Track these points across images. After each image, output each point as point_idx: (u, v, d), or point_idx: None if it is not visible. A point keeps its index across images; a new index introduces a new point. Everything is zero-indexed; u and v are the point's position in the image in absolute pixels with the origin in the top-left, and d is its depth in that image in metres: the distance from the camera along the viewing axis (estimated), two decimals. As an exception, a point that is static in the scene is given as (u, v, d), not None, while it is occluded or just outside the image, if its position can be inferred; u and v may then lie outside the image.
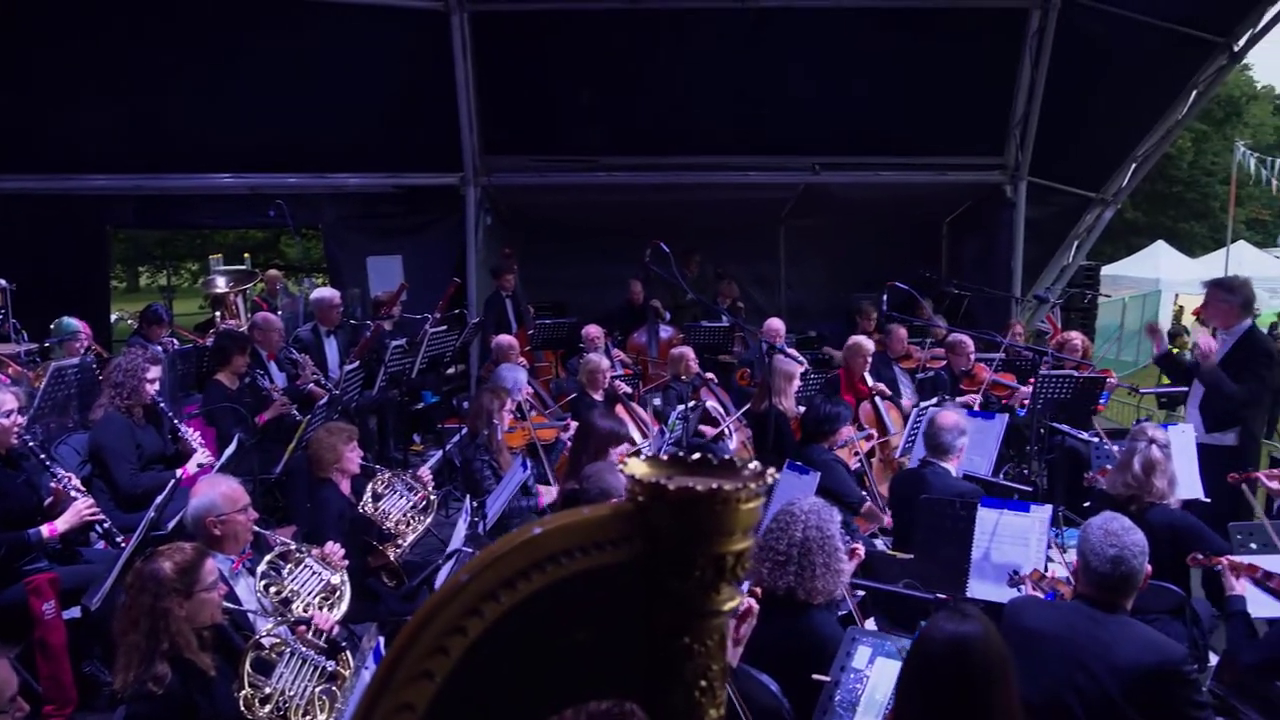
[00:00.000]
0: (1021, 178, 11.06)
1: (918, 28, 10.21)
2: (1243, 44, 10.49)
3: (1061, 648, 3.06)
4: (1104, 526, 3.17)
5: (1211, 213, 36.85)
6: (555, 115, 10.79)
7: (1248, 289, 6.10)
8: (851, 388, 7.44)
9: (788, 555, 3.31)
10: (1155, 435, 4.48)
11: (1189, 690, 2.98)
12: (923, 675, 2.36)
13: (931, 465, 4.95)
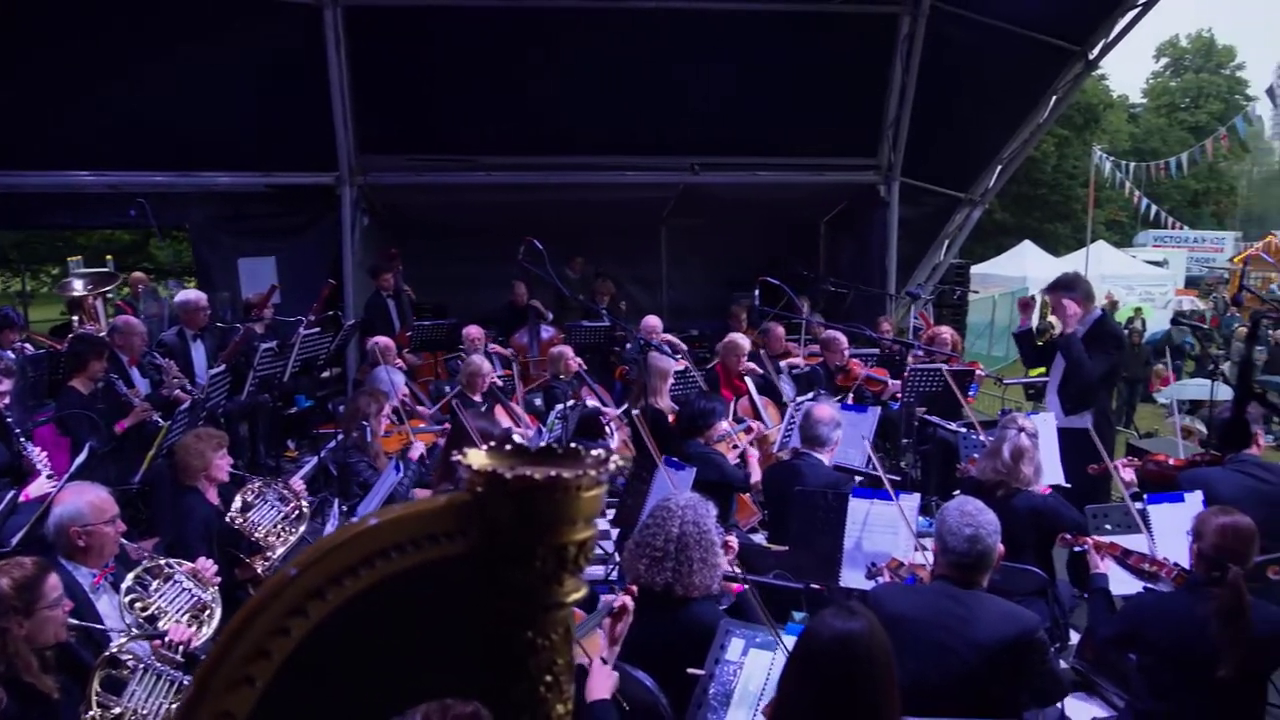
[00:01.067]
0: (894, 178, 11.37)
1: (793, 31, 10.37)
2: (1097, 52, 11.01)
3: (925, 629, 3.14)
4: (959, 508, 3.28)
5: (1074, 214, 38.55)
6: (434, 114, 10.59)
7: (1083, 282, 6.41)
8: (729, 384, 7.52)
9: (665, 551, 3.31)
10: (1024, 424, 4.65)
11: (1042, 653, 3.16)
12: (808, 672, 2.36)
13: (805, 456, 5.02)
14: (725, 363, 7.64)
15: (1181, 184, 52.00)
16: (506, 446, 0.89)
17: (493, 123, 10.59)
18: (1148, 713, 3.49)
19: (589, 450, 0.88)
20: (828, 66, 10.63)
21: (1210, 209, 55.19)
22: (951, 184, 12.08)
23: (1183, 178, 50.25)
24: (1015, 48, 10.74)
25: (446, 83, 10.37)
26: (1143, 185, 31.60)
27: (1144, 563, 3.84)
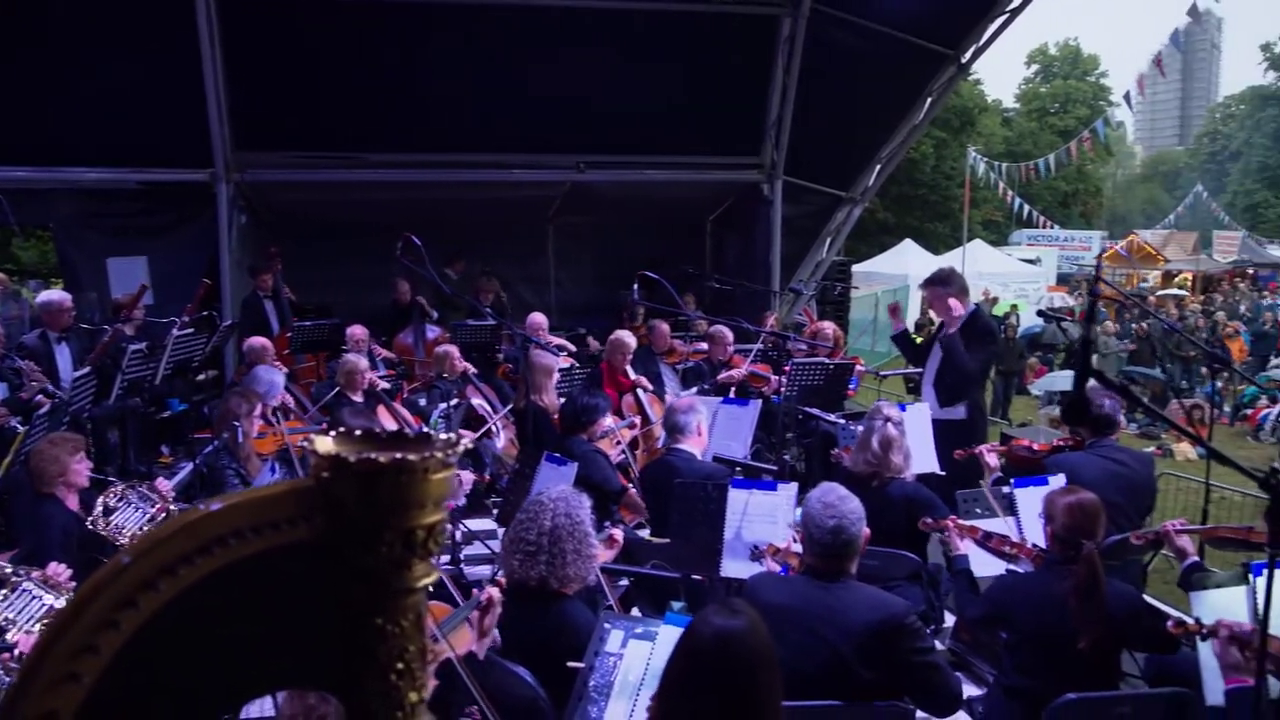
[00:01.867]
0: (778, 177, 11.55)
1: (678, 30, 10.45)
2: (969, 56, 11.39)
3: (797, 619, 3.18)
4: (822, 499, 3.31)
5: (952, 214, 39.75)
6: (315, 109, 10.28)
7: (958, 277, 6.64)
8: (614, 381, 7.54)
9: (538, 545, 3.29)
10: (890, 414, 4.75)
11: (913, 639, 3.19)
12: (689, 670, 2.36)
13: (675, 451, 5.06)
14: (610, 360, 7.66)
15: (1052, 185, 54.22)
16: (357, 433, 0.87)
17: (377, 119, 10.37)
18: (1014, 689, 3.61)
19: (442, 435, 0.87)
20: (712, 66, 10.75)
21: (1079, 209, 57.63)
22: (833, 183, 12.35)
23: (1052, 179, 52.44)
24: (891, 50, 11.04)
25: (328, 77, 10.10)
26: (1016, 186, 32.85)
27: (1005, 545, 3.97)
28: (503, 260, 12.23)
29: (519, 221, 12.58)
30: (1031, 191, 46.05)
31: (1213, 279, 32.82)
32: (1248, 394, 16.75)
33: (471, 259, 11.48)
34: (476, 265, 11.57)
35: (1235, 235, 40.45)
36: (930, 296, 6.49)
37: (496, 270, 11.64)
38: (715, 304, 11.79)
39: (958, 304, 6.29)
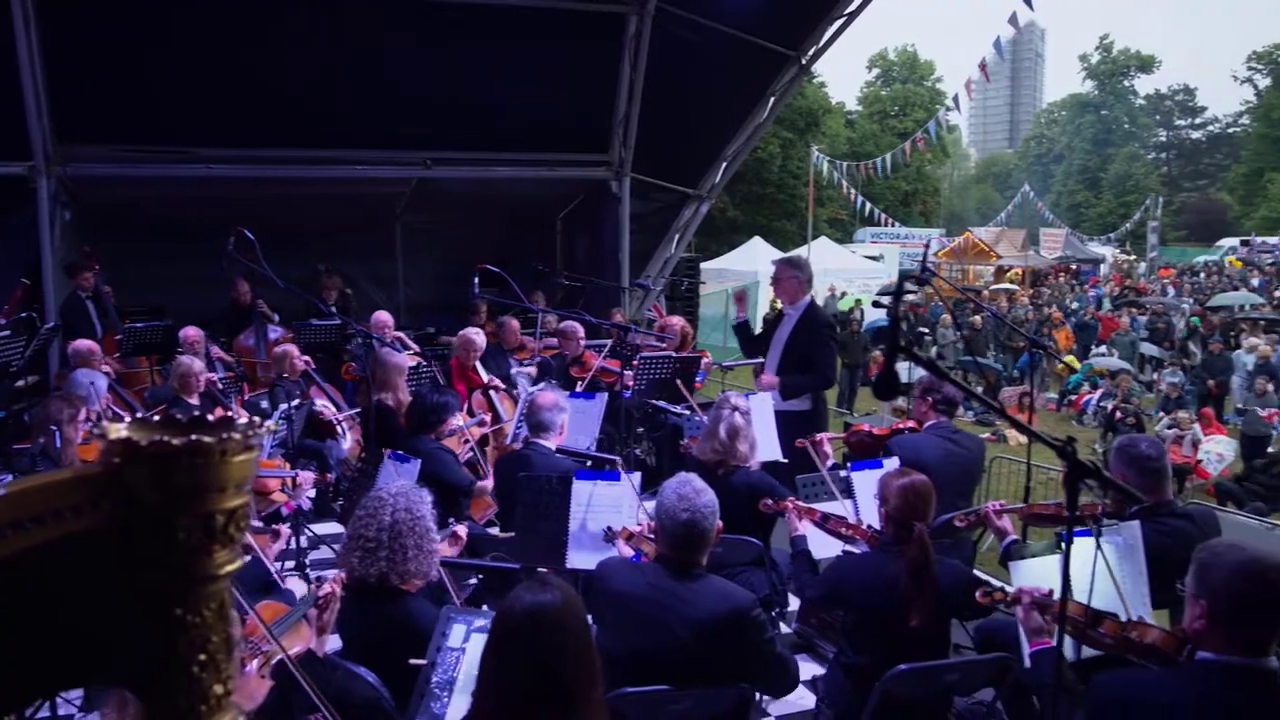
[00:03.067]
0: (625, 174, 11.64)
1: (525, 26, 10.37)
2: (810, 57, 11.71)
3: (646, 607, 3.21)
4: (676, 490, 3.33)
5: (799, 212, 40.86)
6: (144, 101, 9.74)
7: (809, 267, 6.82)
8: (463, 378, 7.46)
9: (378, 541, 3.23)
10: (737, 404, 4.84)
11: (758, 631, 3.26)
12: (502, 646, 2.34)
13: (534, 445, 5.06)
14: (459, 357, 7.58)
15: (893, 185, 56.41)
16: (154, 419, 0.83)
17: (211, 111, 9.91)
18: (852, 666, 3.73)
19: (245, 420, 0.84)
20: (559, 63, 10.74)
21: (918, 208, 60.11)
22: (680, 180, 12.52)
23: (893, 179, 54.60)
24: (735, 50, 11.25)
25: (158, 66, 9.56)
26: (859, 186, 33.98)
27: (841, 526, 4.11)
28: (348, 259, 11.93)
29: (365, 219, 12.29)
30: (874, 191, 47.78)
31: (1040, 273, 34.68)
32: (1072, 381, 17.77)
33: (314, 257, 11.13)
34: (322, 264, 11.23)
35: (1060, 232, 42.86)
36: (779, 275, 6.63)
37: (342, 269, 11.32)
38: (566, 301, 11.80)
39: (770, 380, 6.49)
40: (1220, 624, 2.39)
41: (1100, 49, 76.69)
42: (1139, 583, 3.51)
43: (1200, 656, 2.45)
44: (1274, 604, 2.37)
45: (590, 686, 2.34)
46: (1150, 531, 3.58)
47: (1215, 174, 75.95)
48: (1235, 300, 24.64)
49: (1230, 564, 2.40)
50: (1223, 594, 2.38)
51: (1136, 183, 68.75)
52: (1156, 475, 3.90)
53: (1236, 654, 2.38)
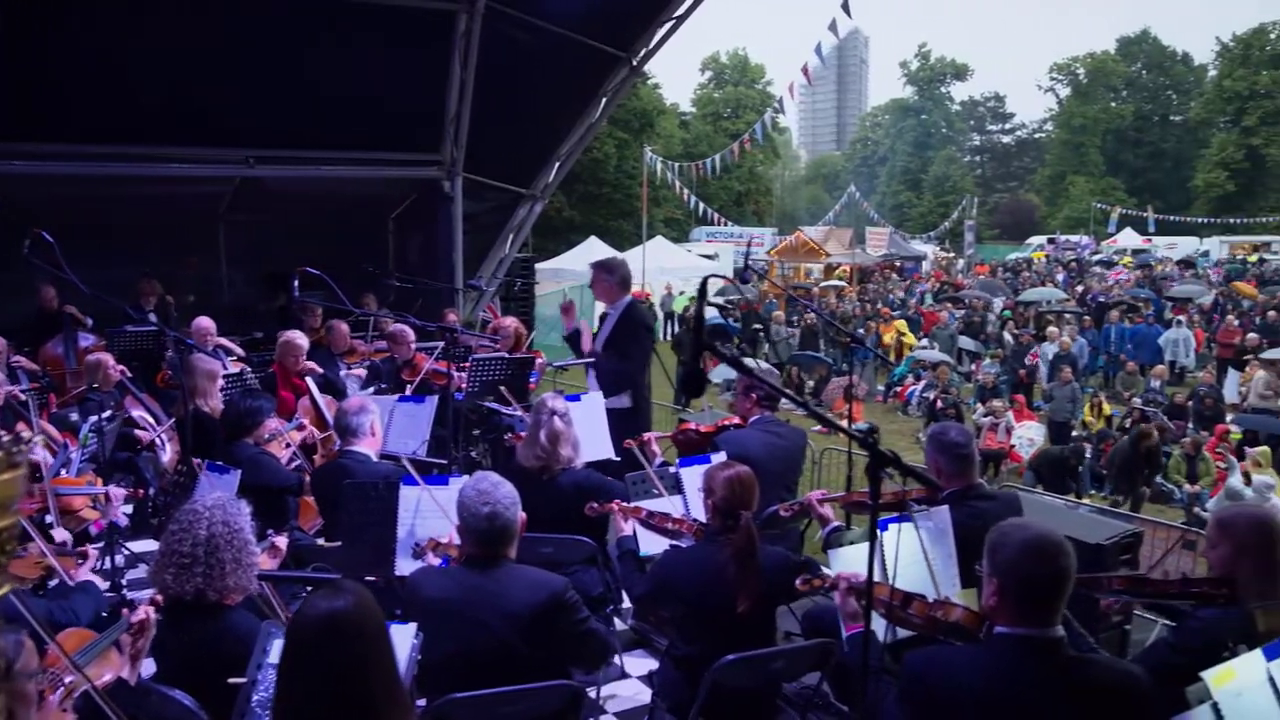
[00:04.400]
0: (458, 174, 11.49)
1: (353, 22, 10.07)
2: (640, 58, 11.85)
3: (460, 609, 3.20)
4: (475, 487, 3.35)
5: (635, 212, 41.25)
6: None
7: (625, 268, 6.95)
8: (288, 383, 7.23)
9: (193, 556, 3.10)
10: (556, 407, 4.82)
11: (573, 613, 3.30)
12: (298, 658, 2.28)
13: (349, 453, 4.93)
14: (283, 362, 7.33)
15: (727, 185, 57.70)
16: None
17: (11, 103, 9.22)
18: (682, 658, 3.80)
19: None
20: (388, 60, 10.50)
21: (752, 208, 61.67)
22: (513, 180, 12.46)
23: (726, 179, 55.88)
24: (566, 50, 11.25)
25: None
26: (693, 186, 34.58)
27: (667, 522, 4.17)
28: (168, 261, 11.36)
29: (185, 219, 11.73)
30: (708, 191, 48.75)
31: (867, 271, 36.07)
32: (897, 373, 18.58)
33: (132, 259, 10.53)
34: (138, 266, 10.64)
35: (884, 231, 44.67)
36: (594, 279, 6.75)
37: (161, 272, 10.77)
38: (399, 302, 11.56)
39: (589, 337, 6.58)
40: (1010, 598, 2.55)
41: (919, 57, 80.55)
42: (949, 564, 3.70)
43: (996, 630, 2.61)
44: (1055, 576, 2.55)
45: (393, 693, 2.30)
46: (959, 515, 3.78)
47: (1024, 176, 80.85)
48: (1042, 295, 26.23)
49: (1016, 542, 2.58)
50: (1011, 571, 2.55)
51: (954, 184, 72.52)
52: (965, 461, 4.12)
53: (1027, 626, 2.54)
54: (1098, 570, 5.82)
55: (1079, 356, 17.93)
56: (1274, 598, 2.96)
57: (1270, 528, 3.08)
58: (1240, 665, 2.58)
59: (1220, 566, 3.11)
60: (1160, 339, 19.82)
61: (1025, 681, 2.50)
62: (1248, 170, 61.96)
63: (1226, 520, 3.15)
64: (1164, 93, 74.13)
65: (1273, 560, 3.01)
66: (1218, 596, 3.06)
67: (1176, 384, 18.15)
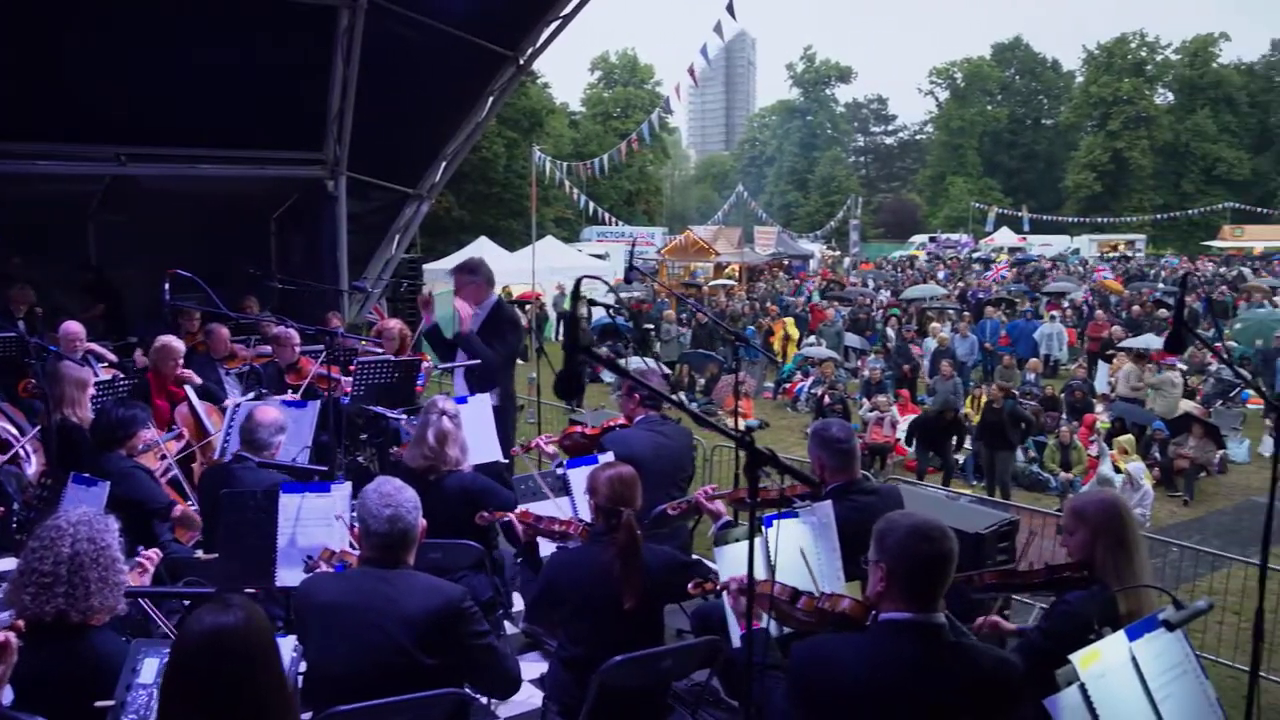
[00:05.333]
0: (341, 173, 11.24)
1: (231, 15, 9.74)
2: (528, 57, 11.80)
3: (355, 615, 3.13)
4: (378, 489, 3.31)
5: (525, 211, 41.00)
6: None
7: (486, 268, 6.94)
8: (164, 391, 6.97)
9: (55, 575, 2.95)
10: (446, 408, 4.79)
11: (471, 623, 3.25)
12: (182, 676, 2.21)
13: (244, 460, 4.80)
14: (158, 369, 7.06)
15: (618, 185, 57.90)
16: None
17: None
18: (571, 659, 3.79)
19: None
20: (269, 55, 10.20)
21: (642, 208, 62.00)
22: (399, 179, 12.26)
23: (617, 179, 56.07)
24: (452, 48, 11.12)
25: None
26: (583, 186, 34.58)
27: (554, 525, 4.15)
28: (34, 263, 10.82)
29: (52, 220, 11.20)
30: (599, 191, 48.84)
31: (756, 269, 36.61)
32: (785, 370, 18.90)
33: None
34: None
35: (772, 230, 45.40)
36: (457, 283, 6.69)
37: (28, 275, 10.26)
38: (283, 305, 11.25)
39: (464, 306, 6.51)
40: (897, 583, 2.64)
41: (804, 59, 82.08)
42: (833, 558, 3.77)
43: (882, 617, 2.69)
44: (941, 557, 2.65)
45: (283, 710, 2.24)
46: (842, 509, 3.85)
47: (906, 176, 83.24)
48: (924, 292, 27.00)
49: (903, 528, 2.68)
50: (898, 555, 2.64)
51: (839, 184, 74.18)
52: (847, 456, 4.21)
53: (911, 610, 2.63)
54: (979, 558, 6.07)
55: (970, 353, 18.53)
56: (1129, 576, 3.12)
57: (1119, 510, 3.26)
58: (1105, 647, 2.69)
59: (1078, 552, 3.26)
60: (1035, 334, 20.58)
61: (908, 666, 2.58)
62: (1113, 172, 65.09)
63: (1079, 508, 3.31)
64: (1036, 97, 77.29)
65: (1124, 540, 3.19)
66: (1079, 580, 3.20)
67: (1051, 377, 18.91)
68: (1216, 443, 13.05)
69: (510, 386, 7.00)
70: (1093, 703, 2.50)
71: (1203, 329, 21.52)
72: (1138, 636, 2.69)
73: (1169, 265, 41.74)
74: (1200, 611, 2.81)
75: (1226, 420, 14.34)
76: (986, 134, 73.35)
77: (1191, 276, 30.71)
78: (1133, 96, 65.15)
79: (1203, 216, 59.47)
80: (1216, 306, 24.07)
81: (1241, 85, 66.91)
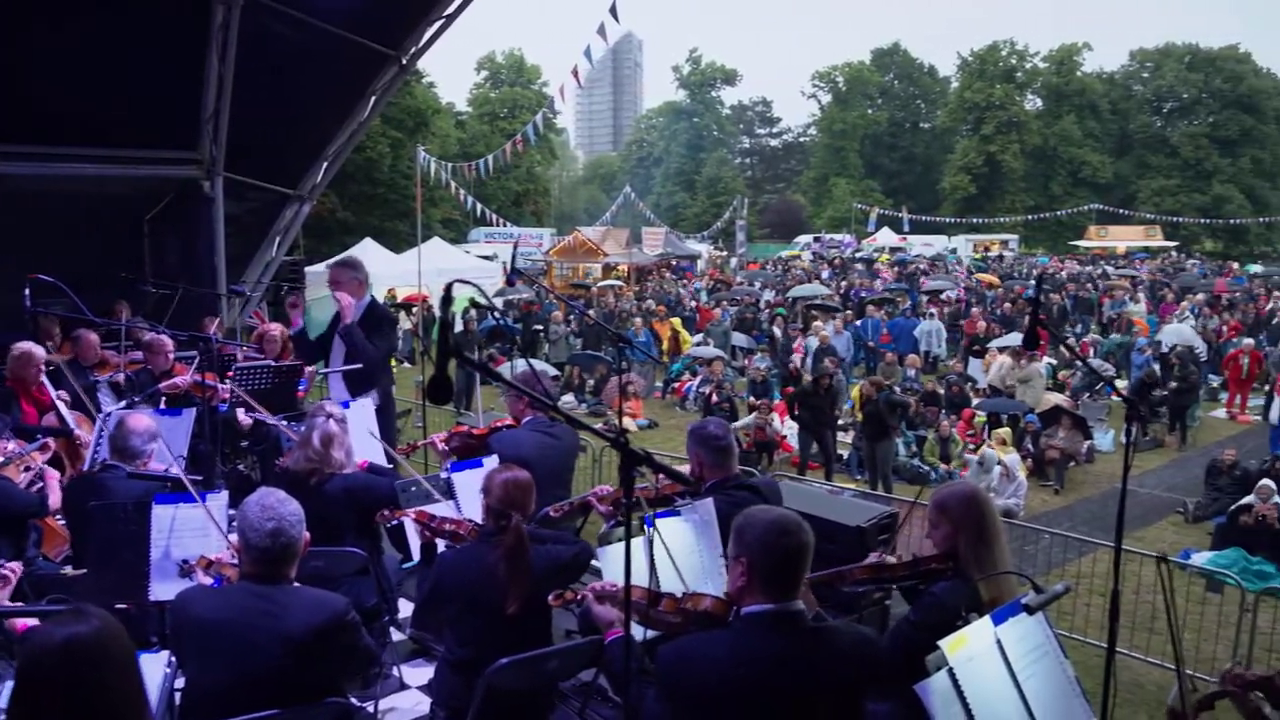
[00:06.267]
0: (218, 173, 10.93)
1: (100, 6, 9.35)
2: (410, 56, 11.66)
3: (235, 633, 3.03)
4: (260, 501, 3.20)
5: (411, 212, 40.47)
6: None
7: (364, 268, 6.89)
8: (29, 399, 6.67)
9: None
10: (332, 411, 4.73)
11: (352, 634, 3.20)
12: (33, 690, 2.11)
13: (113, 469, 4.64)
14: (20, 376, 6.74)
15: (505, 186, 57.57)
16: None
17: None
18: (458, 662, 3.78)
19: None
20: (140, 52, 9.80)
21: (530, 209, 61.76)
22: (279, 180, 11.98)
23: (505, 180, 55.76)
24: (333, 46, 10.90)
25: None
26: (470, 187, 34.28)
27: (446, 524, 4.13)
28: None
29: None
30: (486, 192, 48.48)
31: (644, 270, 36.85)
32: (674, 369, 19.08)
33: None
34: None
35: (660, 231, 45.80)
36: (337, 277, 6.61)
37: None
38: (158, 310, 10.87)
39: (345, 297, 6.47)
40: (758, 576, 2.71)
41: (690, 61, 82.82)
42: (715, 555, 3.85)
43: (744, 611, 2.76)
44: (798, 549, 2.73)
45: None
46: (722, 504, 3.94)
47: (791, 178, 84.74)
48: (809, 291, 27.55)
49: (761, 523, 2.75)
50: (757, 549, 2.71)
51: (725, 185, 75.12)
52: (724, 453, 4.30)
53: (772, 600, 2.70)
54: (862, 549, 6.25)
55: (847, 349, 18.99)
56: (990, 565, 3.27)
57: (979, 502, 3.40)
58: (971, 632, 2.81)
59: (942, 544, 3.39)
60: (916, 331, 21.22)
61: (771, 655, 2.65)
62: (987, 174, 67.57)
63: (942, 502, 3.43)
64: (914, 101, 79.59)
65: (985, 532, 3.33)
66: (945, 570, 3.34)
67: (930, 372, 19.55)
68: (1084, 433, 13.70)
69: (389, 387, 6.93)
70: (960, 686, 2.61)
71: (1070, 325, 22.56)
72: (1002, 621, 2.82)
73: (1040, 264, 43.65)
74: (1058, 594, 2.95)
75: (1093, 412, 15.03)
76: (867, 137, 75.23)
77: (1054, 276, 32.09)
78: (1004, 102, 67.75)
79: (1070, 217, 62.49)
80: (1082, 304, 25.22)
81: (1103, 93, 70.24)
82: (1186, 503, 11.53)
